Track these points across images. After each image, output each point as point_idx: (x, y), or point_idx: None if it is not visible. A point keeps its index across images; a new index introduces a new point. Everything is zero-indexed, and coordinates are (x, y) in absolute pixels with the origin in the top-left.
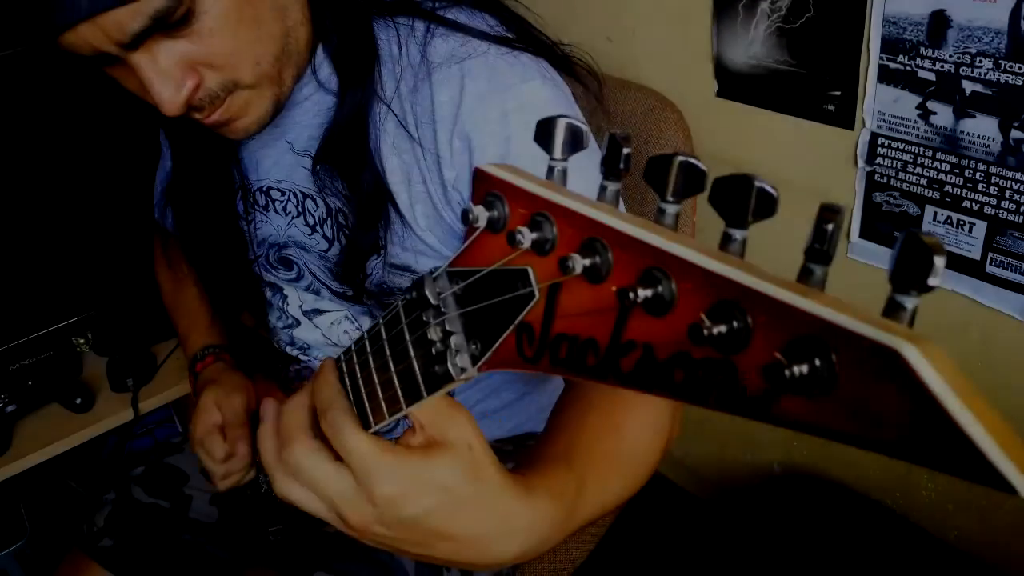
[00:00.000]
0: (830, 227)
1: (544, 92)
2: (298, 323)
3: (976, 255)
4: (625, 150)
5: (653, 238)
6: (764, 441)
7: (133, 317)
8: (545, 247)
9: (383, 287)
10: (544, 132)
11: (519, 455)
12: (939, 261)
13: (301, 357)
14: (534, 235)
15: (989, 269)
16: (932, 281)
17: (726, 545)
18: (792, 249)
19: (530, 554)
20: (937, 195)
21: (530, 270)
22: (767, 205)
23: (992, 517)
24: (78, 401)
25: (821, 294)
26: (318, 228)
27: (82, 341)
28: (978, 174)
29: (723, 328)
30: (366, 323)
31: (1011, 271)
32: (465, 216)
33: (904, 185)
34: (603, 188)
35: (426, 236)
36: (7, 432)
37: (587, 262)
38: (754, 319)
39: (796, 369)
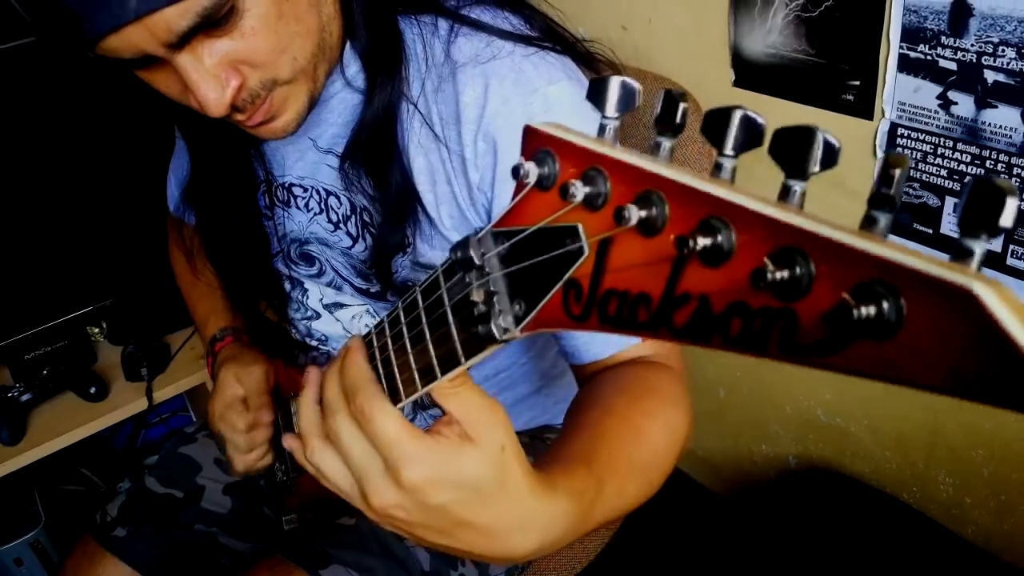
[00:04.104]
0: (897, 172)
1: (569, 94)
2: (318, 316)
3: (997, 247)
4: (682, 105)
5: (712, 188)
6: (779, 433)
7: (148, 307)
8: (597, 201)
9: (407, 284)
10: (596, 90)
11: (536, 448)
12: (1011, 202)
13: (320, 347)
14: (587, 189)
15: (1010, 261)
16: (1003, 223)
17: (740, 539)
18: None
19: (544, 551)
20: (958, 187)
21: (580, 226)
22: (829, 155)
23: (1010, 514)
24: (92, 390)
25: (886, 240)
26: (341, 225)
27: (97, 330)
28: (1000, 165)
29: (786, 273)
30: None
31: None
32: (516, 172)
33: (924, 176)
34: (657, 145)
35: (451, 235)
36: (22, 421)
37: (643, 214)
38: (817, 265)
39: (864, 312)
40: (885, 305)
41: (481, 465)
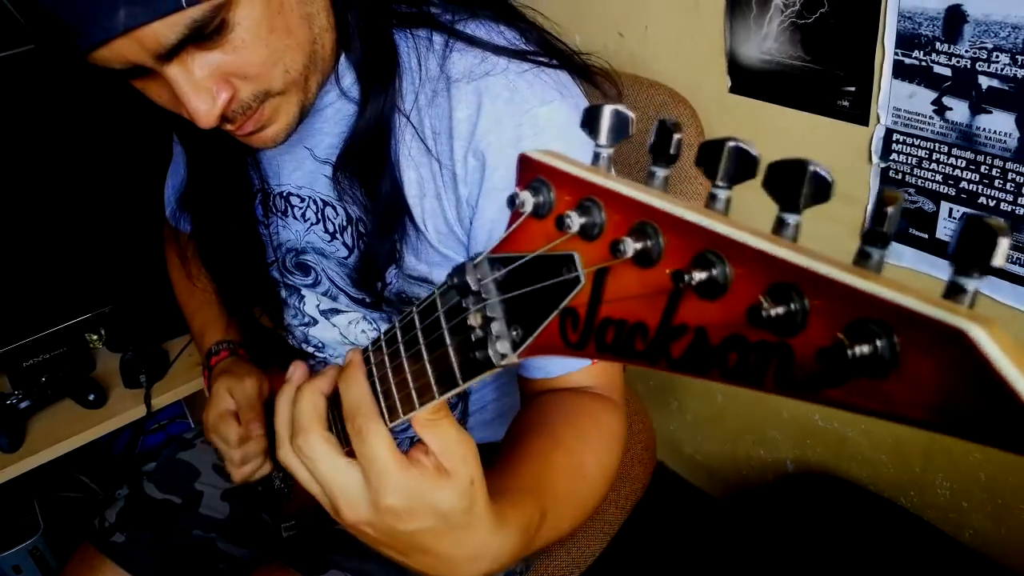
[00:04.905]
0: (891, 210)
1: (561, 114)
2: (315, 322)
3: None
4: (676, 136)
5: (707, 221)
6: (777, 438)
7: (146, 313)
8: (593, 232)
9: (401, 296)
10: (591, 118)
11: None
12: (1003, 242)
13: (316, 354)
14: (583, 219)
15: (1006, 265)
16: (996, 262)
17: (738, 543)
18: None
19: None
20: (953, 191)
21: (576, 255)
22: (822, 189)
23: (1007, 517)
24: (91, 397)
25: (880, 276)
26: (338, 235)
27: (95, 337)
28: (994, 170)
29: (781, 310)
30: (383, 325)
31: None
32: (511, 201)
33: (919, 181)
34: (652, 174)
35: (440, 248)
36: (21, 428)
37: (639, 246)
38: (812, 302)
39: (858, 350)
40: (879, 343)
41: (452, 498)
